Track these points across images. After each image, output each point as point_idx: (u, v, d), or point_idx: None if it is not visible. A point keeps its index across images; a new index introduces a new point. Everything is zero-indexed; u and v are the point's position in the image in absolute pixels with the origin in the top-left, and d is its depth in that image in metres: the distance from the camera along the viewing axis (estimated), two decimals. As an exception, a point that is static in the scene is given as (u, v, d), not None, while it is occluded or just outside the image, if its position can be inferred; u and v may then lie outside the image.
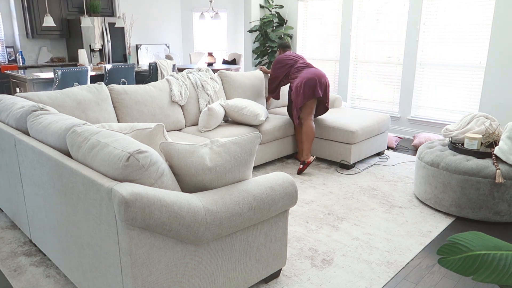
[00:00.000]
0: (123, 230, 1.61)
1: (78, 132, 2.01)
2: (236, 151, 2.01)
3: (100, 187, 1.69)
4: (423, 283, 2.36)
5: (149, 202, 1.60)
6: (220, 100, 4.21)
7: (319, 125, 4.37)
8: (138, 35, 8.67)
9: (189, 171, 1.91)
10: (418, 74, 5.53)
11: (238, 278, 2.08)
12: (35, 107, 2.52)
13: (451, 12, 5.11)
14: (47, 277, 2.40)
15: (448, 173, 3.11)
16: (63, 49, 7.90)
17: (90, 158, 1.87)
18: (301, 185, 3.82)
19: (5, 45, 7.36)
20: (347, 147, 4.20)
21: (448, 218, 3.17)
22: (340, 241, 2.81)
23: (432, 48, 5.35)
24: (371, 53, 6.01)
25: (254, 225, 2.08)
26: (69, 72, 5.23)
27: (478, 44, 4.97)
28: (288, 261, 2.57)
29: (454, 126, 3.57)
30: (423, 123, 5.53)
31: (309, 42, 6.82)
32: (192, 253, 1.83)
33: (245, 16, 7.10)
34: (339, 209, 3.32)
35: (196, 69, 4.51)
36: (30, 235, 2.66)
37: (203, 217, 1.76)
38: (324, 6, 6.47)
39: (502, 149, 3.04)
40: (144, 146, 1.78)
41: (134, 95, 3.75)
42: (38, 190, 2.31)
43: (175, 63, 6.73)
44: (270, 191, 2.07)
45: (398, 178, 4.03)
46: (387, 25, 5.76)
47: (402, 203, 3.44)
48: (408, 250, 2.71)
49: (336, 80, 6.55)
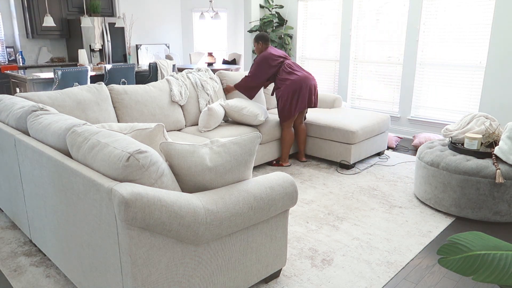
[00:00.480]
0: (123, 230, 1.61)
1: (78, 132, 2.01)
2: (236, 151, 2.01)
3: (100, 187, 1.69)
4: (423, 283, 2.36)
5: (149, 202, 1.60)
6: (220, 100, 4.21)
7: (319, 125, 4.37)
8: (138, 35, 8.67)
9: (189, 171, 1.91)
10: (418, 74, 5.53)
11: (238, 278, 2.08)
12: (35, 107, 2.52)
13: (451, 12, 5.11)
14: (47, 277, 2.40)
15: (448, 173, 3.11)
16: (63, 49, 7.90)
17: (90, 158, 1.87)
18: (301, 185, 3.82)
19: (5, 45, 7.37)
20: (347, 147, 4.20)
21: (448, 218, 3.17)
22: (340, 241, 2.81)
23: (432, 48, 5.35)
24: (371, 53, 6.01)
25: (254, 225, 2.08)
26: (69, 72, 5.23)
27: (478, 44, 4.97)
28: (288, 261, 2.57)
29: (454, 126, 3.57)
30: (423, 123, 5.53)
31: (309, 42, 6.82)
32: (192, 253, 1.83)
33: (245, 16, 7.10)
34: (339, 209, 3.32)
35: (196, 69, 4.51)
36: (30, 235, 2.66)
37: (203, 217, 1.76)
38: (324, 6, 6.47)
39: (502, 149, 3.04)
40: (144, 146, 1.78)
41: (134, 95, 3.75)
42: (38, 190, 2.31)
43: (175, 63, 6.73)
44: (270, 191, 2.07)
45: (398, 178, 4.03)
46: (387, 25, 5.76)
47: (402, 203, 3.44)
48: (408, 250, 2.71)
49: (336, 80, 6.55)
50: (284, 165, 4.36)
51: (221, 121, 4.28)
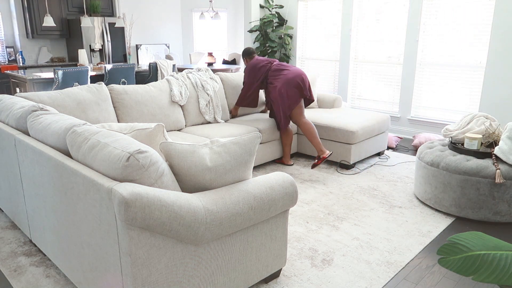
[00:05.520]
0: (123, 230, 1.61)
1: (78, 132, 2.01)
2: (236, 151, 2.01)
3: (100, 187, 1.69)
4: (423, 283, 2.36)
5: (149, 202, 1.60)
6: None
7: (319, 125, 4.37)
8: (138, 35, 8.67)
9: (189, 171, 1.91)
10: (418, 74, 5.53)
11: (238, 278, 2.08)
12: (35, 107, 2.52)
13: (451, 12, 5.11)
14: (47, 277, 2.40)
15: (448, 173, 3.11)
16: (63, 49, 7.90)
17: (90, 158, 1.87)
18: (301, 185, 3.82)
19: (5, 45, 7.36)
20: (347, 147, 4.20)
21: (448, 218, 3.17)
22: (340, 241, 2.81)
23: (432, 48, 5.35)
24: (371, 53, 6.01)
25: (254, 225, 2.08)
26: (69, 72, 5.23)
27: (478, 44, 4.97)
28: (288, 261, 2.57)
29: (454, 126, 3.57)
30: (423, 123, 5.53)
31: (309, 42, 6.82)
32: (192, 253, 1.83)
33: (245, 16, 7.10)
34: (339, 209, 3.32)
35: (196, 69, 4.51)
36: (30, 235, 2.66)
37: (203, 217, 1.76)
38: (324, 6, 6.47)
39: (502, 149, 3.04)
40: (144, 146, 1.78)
41: (134, 95, 3.75)
42: (38, 190, 2.31)
43: (175, 63, 6.73)
44: (270, 191, 2.07)
45: (398, 178, 4.03)
46: (387, 25, 5.76)
47: (402, 203, 3.44)
48: (408, 250, 2.71)
49: (336, 80, 6.55)
50: (286, 163, 4.37)
51: (222, 120, 4.28)
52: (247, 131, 4.04)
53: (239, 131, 3.99)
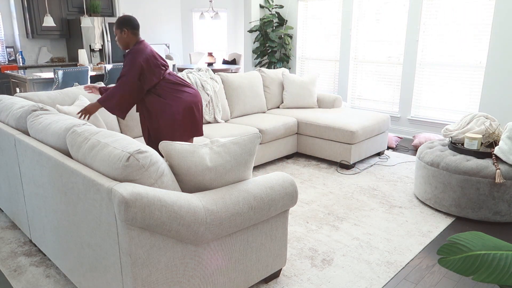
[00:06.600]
0: (123, 230, 1.61)
1: (78, 132, 2.01)
2: (236, 151, 2.01)
3: (100, 187, 1.69)
4: (423, 283, 2.36)
5: (149, 202, 1.60)
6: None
7: (319, 125, 4.37)
8: (138, 35, 8.66)
9: (189, 171, 1.91)
10: (418, 74, 5.53)
11: (238, 278, 2.08)
12: (35, 107, 2.52)
13: (451, 12, 5.11)
14: (47, 277, 2.40)
15: (448, 173, 3.11)
16: (63, 49, 7.90)
17: (90, 158, 1.87)
18: (301, 185, 3.82)
19: (5, 45, 7.36)
20: (347, 147, 4.20)
21: (448, 218, 3.17)
22: (340, 241, 2.81)
23: (432, 48, 5.35)
24: (371, 53, 6.01)
25: (254, 225, 2.08)
26: (69, 72, 5.23)
27: (478, 44, 4.97)
28: (288, 261, 2.57)
29: (454, 126, 3.57)
30: (423, 123, 5.53)
31: (309, 42, 6.82)
32: (192, 253, 1.83)
33: (245, 16, 7.10)
34: (339, 209, 3.32)
35: (196, 69, 4.51)
36: (30, 235, 2.66)
37: (203, 217, 1.76)
38: (324, 6, 6.47)
39: (502, 149, 3.04)
40: (144, 146, 1.78)
41: (134, 95, 3.74)
42: (38, 190, 2.31)
43: (175, 63, 6.73)
44: (270, 191, 2.07)
45: (398, 178, 4.03)
46: (387, 25, 5.76)
47: (402, 203, 3.44)
48: (408, 250, 2.71)
49: (336, 80, 6.55)
50: None
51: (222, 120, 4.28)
52: (247, 131, 4.04)
53: (239, 131, 3.99)
